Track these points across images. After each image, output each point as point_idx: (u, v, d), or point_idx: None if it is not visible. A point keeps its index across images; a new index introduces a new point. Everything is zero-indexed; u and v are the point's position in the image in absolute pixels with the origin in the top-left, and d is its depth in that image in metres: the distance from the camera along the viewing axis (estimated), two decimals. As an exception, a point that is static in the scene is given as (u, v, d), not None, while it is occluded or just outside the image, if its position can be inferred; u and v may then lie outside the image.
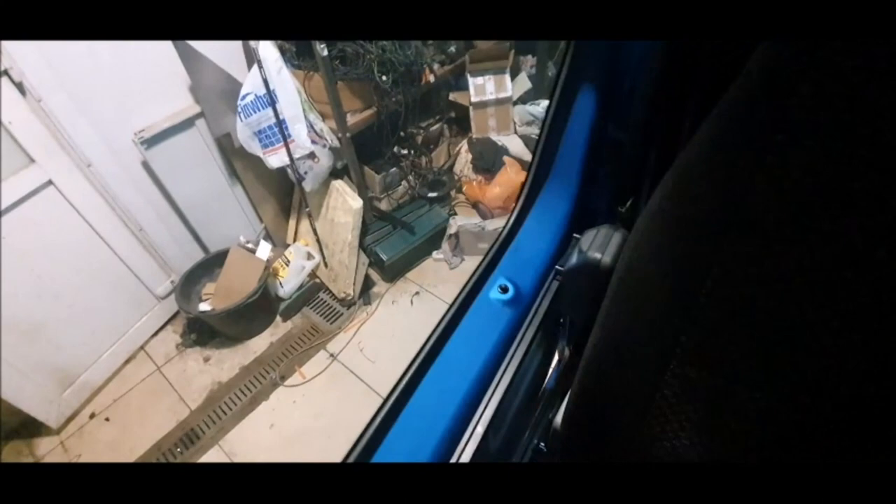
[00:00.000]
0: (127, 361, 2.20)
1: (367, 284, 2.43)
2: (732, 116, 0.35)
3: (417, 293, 2.41)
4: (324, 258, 2.41)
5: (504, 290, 0.79)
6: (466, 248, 2.52)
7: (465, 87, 2.70)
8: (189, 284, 2.22)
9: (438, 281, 2.45)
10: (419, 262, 2.53)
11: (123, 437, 1.96)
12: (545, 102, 2.69)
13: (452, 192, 2.76)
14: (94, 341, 2.06)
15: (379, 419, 0.68)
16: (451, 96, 2.74)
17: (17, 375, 1.80)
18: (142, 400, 2.08)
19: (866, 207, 0.30)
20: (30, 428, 1.97)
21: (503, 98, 2.55)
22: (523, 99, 2.75)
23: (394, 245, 2.41)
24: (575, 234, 0.89)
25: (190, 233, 2.31)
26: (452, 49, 2.60)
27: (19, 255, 1.72)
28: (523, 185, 0.96)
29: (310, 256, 2.44)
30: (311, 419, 1.93)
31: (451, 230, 2.46)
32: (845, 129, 0.29)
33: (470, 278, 0.84)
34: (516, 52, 2.70)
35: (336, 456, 0.69)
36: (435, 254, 2.55)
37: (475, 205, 2.66)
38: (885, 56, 0.27)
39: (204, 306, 2.15)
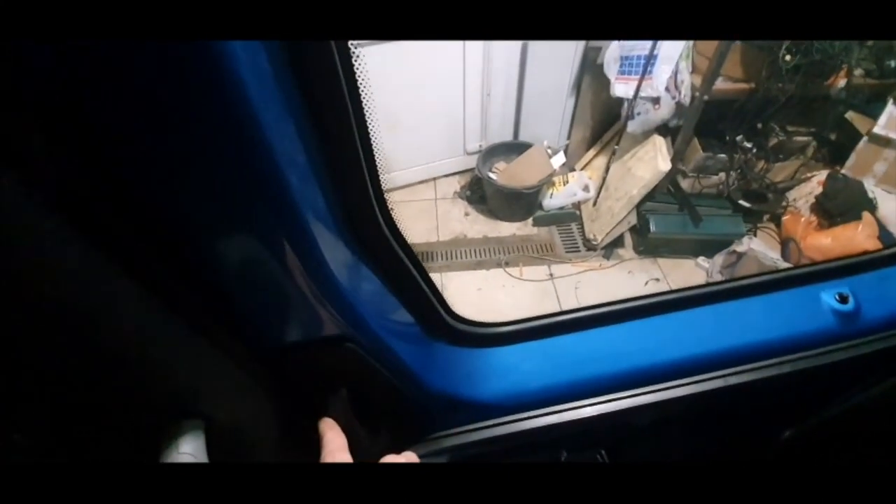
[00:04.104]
0: (422, 182, 2.80)
1: (617, 243, 2.42)
2: None
3: (658, 280, 2.29)
4: (597, 197, 2.47)
5: (844, 300, 0.69)
6: (740, 275, 2.21)
7: (874, 114, 2.15)
8: (489, 154, 2.61)
9: (686, 284, 2.26)
10: (680, 256, 2.36)
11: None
12: None
13: (767, 216, 2.37)
14: (414, 153, 2.66)
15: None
16: (849, 115, 2.22)
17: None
18: (414, 213, 2.67)
19: None
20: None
21: (925, 146, 1.94)
22: (954, 161, 2.04)
23: (668, 224, 2.28)
24: None
25: (515, 115, 2.64)
26: (894, 63, 2.05)
27: (410, 67, 2.25)
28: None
29: (586, 189, 2.53)
30: (508, 307, 2.18)
31: (739, 248, 2.16)
32: None
33: (792, 268, 0.77)
34: None
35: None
36: (701, 259, 2.32)
37: (785, 241, 2.24)
38: None
39: (491, 175, 2.52)
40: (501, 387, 0.67)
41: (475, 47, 2.32)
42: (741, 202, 2.26)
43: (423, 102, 2.44)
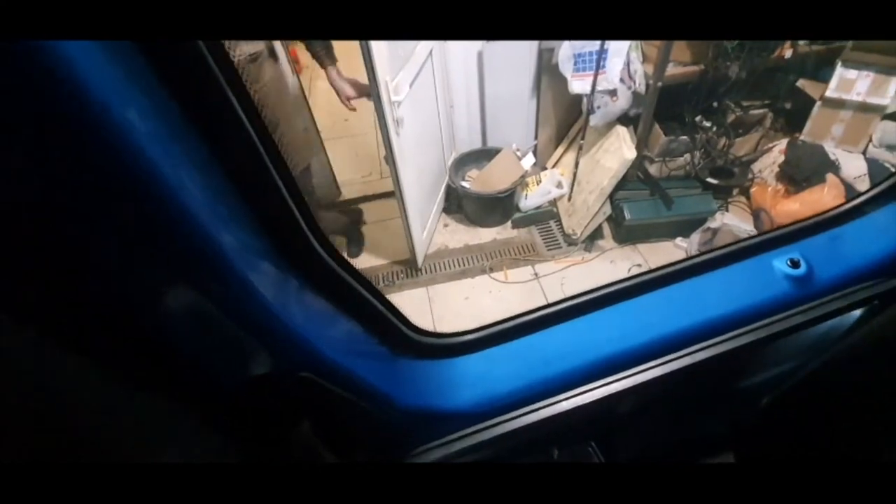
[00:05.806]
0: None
1: (596, 234, 2.45)
2: None
3: (639, 266, 2.32)
4: (571, 192, 2.51)
5: (795, 264, 0.71)
6: (718, 250, 2.25)
7: (824, 79, 2.22)
8: (460, 163, 2.63)
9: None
10: (658, 239, 2.39)
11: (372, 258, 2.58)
12: (936, 129, 2.01)
13: (736, 190, 2.42)
14: (428, 198, 2.47)
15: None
16: (800, 83, 2.29)
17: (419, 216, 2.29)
18: (392, 231, 2.63)
19: None
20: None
21: (873, 105, 2.02)
22: (901, 115, 2.11)
23: (642, 210, 2.32)
24: None
25: (480, 123, 2.67)
26: (836, 29, 2.13)
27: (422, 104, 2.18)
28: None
29: (559, 186, 2.56)
30: (496, 311, 2.18)
31: (713, 224, 2.21)
32: None
33: (746, 239, 0.79)
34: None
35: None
36: (679, 240, 2.36)
37: (756, 212, 2.29)
38: None
39: (464, 184, 2.55)
40: (477, 393, 0.68)
41: (437, 62, 2.35)
42: (709, 180, 2.31)
43: (418, 138, 2.21)
